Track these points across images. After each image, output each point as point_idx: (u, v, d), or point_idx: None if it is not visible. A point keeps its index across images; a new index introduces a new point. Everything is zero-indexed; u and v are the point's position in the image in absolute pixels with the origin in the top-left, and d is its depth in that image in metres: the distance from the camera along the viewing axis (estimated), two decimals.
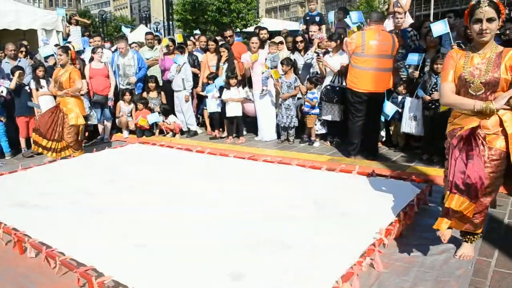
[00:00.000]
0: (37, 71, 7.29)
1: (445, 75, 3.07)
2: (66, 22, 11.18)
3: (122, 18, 61.58)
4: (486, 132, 2.90)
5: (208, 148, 6.77)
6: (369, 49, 5.59)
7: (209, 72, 7.88)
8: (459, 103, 3.00)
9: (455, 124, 3.10)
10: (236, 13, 25.83)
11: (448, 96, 3.04)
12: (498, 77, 2.84)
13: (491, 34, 2.87)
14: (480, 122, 2.91)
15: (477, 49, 2.98)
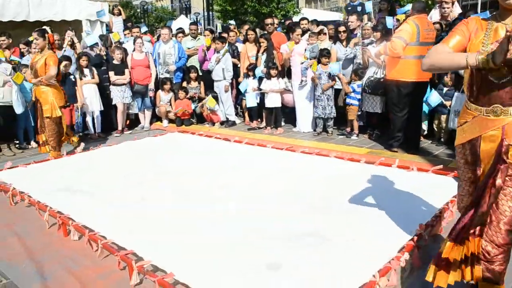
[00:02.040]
0: (81, 61, 7.48)
1: (445, 39, 2.33)
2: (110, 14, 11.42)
3: (163, 9, 62.33)
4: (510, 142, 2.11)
5: (246, 138, 6.79)
6: (424, 37, 5.44)
7: (248, 62, 7.88)
8: (444, 61, 2.20)
9: (465, 132, 2.31)
10: (275, 3, 25.62)
11: (431, 54, 2.28)
12: None
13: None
14: (502, 128, 2.12)
15: (503, 18, 2.16)
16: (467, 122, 2.28)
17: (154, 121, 8.52)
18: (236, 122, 8.25)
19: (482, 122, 2.19)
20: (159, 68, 8.39)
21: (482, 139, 2.20)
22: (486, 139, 2.19)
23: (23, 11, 9.65)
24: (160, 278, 2.76)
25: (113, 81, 7.66)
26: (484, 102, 2.18)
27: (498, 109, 2.13)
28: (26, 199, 4.47)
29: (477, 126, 2.22)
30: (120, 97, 7.69)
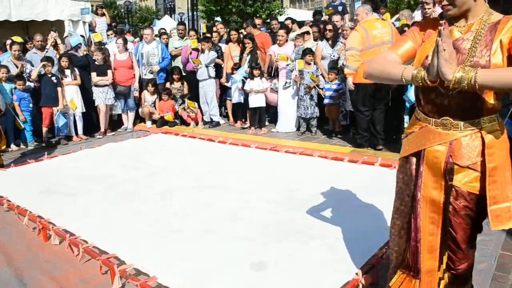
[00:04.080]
0: (61, 61, 7.38)
1: (395, 44, 2.08)
2: (93, 14, 11.33)
3: (147, 9, 61.97)
4: (458, 161, 1.83)
5: (230, 138, 6.78)
6: (374, 39, 5.51)
7: (232, 63, 7.87)
8: (384, 71, 1.90)
9: (409, 144, 2.00)
10: (260, 2, 25.64)
11: (373, 62, 2.00)
12: (486, 64, 1.70)
13: (456, 4, 1.76)
14: (449, 144, 1.84)
15: (456, 20, 1.86)
16: (413, 132, 1.98)
17: (137, 122, 8.46)
18: (220, 123, 8.23)
19: (429, 134, 1.89)
20: (142, 69, 8.33)
21: (426, 153, 1.91)
22: (430, 154, 1.89)
23: (5, 11, 9.54)
24: (143, 282, 2.74)
25: (95, 82, 7.58)
26: (433, 112, 1.88)
27: (447, 122, 1.83)
28: (5, 203, 4.40)
29: (422, 138, 1.92)
30: (102, 98, 7.61)
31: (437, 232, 1.92)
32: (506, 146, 1.82)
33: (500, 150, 1.79)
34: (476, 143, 1.80)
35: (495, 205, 1.76)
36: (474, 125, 1.79)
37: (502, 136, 1.81)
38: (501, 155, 1.79)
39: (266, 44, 7.86)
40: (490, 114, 1.79)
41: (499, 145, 1.79)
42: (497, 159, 1.77)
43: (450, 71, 1.61)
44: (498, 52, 1.70)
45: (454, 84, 1.62)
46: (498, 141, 1.79)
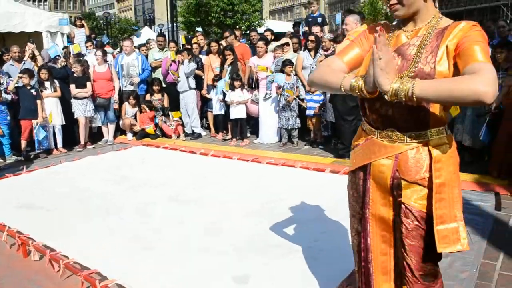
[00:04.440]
0: (40, 73, 7.30)
1: (342, 49, 1.92)
2: (71, 25, 11.25)
3: (126, 20, 61.79)
4: (405, 176, 1.71)
5: (212, 150, 6.77)
6: None
7: (213, 74, 7.90)
8: (324, 80, 1.77)
9: (356, 157, 1.88)
10: (240, 14, 25.84)
11: (317, 69, 1.87)
12: (430, 71, 1.59)
13: (404, 4, 1.64)
14: (395, 158, 1.72)
15: (404, 24, 1.75)
16: (359, 145, 1.86)
17: (118, 135, 8.38)
18: (201, 135, 8.22)
19: (375, 147, 1.76)
20: (122, 80, 8.28)
21: (371, 167, 1.79)
22: (375, 168, 1.77)
23: None
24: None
25: (74, 94, 7.50)
26: (377, 123, 1.76)
27: (393, 134, 1.71)
28: None
29: (368, 151, 1.79)
30: (82, 110, 7.53)
31: (390, 251, 1.80)
32: (455, 161, 1.71)
33: (448, 166, 1.67)
34: (423, 156, 1.68)
35: (442, 225, 1.63)
36: (421, 138, 1.67)
37: (451, 150, 1.69)
38: (449, 170, 1.66)
39: (246, 56, 7.94)
40: (437, 126, 1.67)
41: (447, 160, 1.67)
42: (444, 174, 1.65)
43: (387, 82, 1.50)
44: (444, 59, 1.59)
45: (391, 95, 1.50)
46: (446, 155, 1.66)
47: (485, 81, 1.37)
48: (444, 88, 1.43)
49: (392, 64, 1.55)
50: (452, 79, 1.51)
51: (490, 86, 1.36)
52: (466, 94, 1.38)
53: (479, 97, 1.36)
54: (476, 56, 1.46)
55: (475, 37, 1.52)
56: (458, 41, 1.55)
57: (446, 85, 1.44)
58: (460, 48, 1.53)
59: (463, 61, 1.50)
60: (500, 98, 4.95)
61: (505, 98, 4.90)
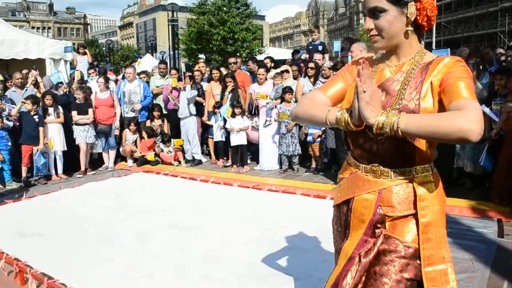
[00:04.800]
0: (45, 100, 7.35)
1: (325, 84, 1.89)
2: (74, 52, 11.42)
3: (128, 47, 62.70)
4: (389, 212, 1.65)
5: (212, 177, 6.76)
6: None
7: (214, 101, 7.96)
8: (308, 114, 1.74)
9: (341, 191, 1.82)
10: (240, 42, 26.24)
11: (300, 103, 1.85)
12: (415, 108, 1.55)
13: (384, 37, 1.61)
14: (378, 193, 1.66)
15: (388, 59, 1.73)
16: (345, 178, 1.82)
17: (118, 161, 8.38)
18: (202, 161, 8.22)
19: (359, 181, 1.71)
20: (124, 107, 8.34)
21: (354, 201, 1.72)
22: (358, 203, 1.71)
23: None
24: None
25: (76, 121, 7.54)
26: (362, 157, 1.71)
27: (377, 169, 1.66)
28: None
29: (353, 185, 1.74)
30: (83, 136, 7.56)
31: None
32: (441, 200, 1.65)
33: (434, 205, 1.61)
34: (407, 193, 1.62)
35: (429, 266, 1.57)
36: (406, 174, 1.62)
37: (437, 189, 1.64)
38: (435, 210, 1.61)
39: (246, 83, 8.04)
40: (423, 164, 1.62)
41: (432, 199, 1.61)
42: (430, 214, 1.59)
43: (372, 115, 1.47)
44: (428, 95, 1.54)
45: (377, 129, 1.47)
46: (431, 194, 1.61)
47: (470, 118, 1.34)
48: (429, 123, 1.40)
49: (377, 97, 1.52)
50: (438, 115, 1.47)
51: (475, 123, 1.33)
52: (451, 130, 1.35)
53: (464, 135, 1.33)
54: (461, 93, 1.44)
55: (460, 73, 1.50)
56: (443, 77, 1.52)
57: (432, 121, 1.41)
58: (444, 84, 1.50)
59: (447, 97, 1.47)
60: (500, 124, 4.98)
61: (505, 124, 4.92)
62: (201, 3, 26.72)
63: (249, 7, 27.50)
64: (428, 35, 37.65)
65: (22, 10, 77.41)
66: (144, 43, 69.69)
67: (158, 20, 77.58)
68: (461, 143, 1.32)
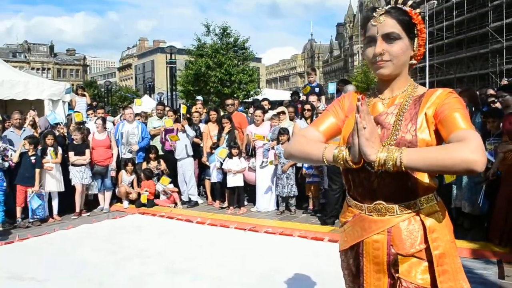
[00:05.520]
0: (46, 139, 7.36)
1: (317, 119, 1.87)
2: (73, 93, 11.56)
3: (127, 88, 63.47)
4: (401, 250, 1.59)
5: (209, 219, 6.70)
6: None
7: (211, 142, 8.00)
8: (304, 152, 1.68)
9: (347, 235, 1.75)
10: (237, 83, 26.63)
11: (293, 141, 1.80)
12: (412, 139, 1.55)
13: (394, 63, 1.60)
14: (388, 232, 1.61)
15: (381, 91, 1.73)
16: (348, 222, 1.74)
17: (114, 202, 8.31)
18: (198, 202, 8.17)
19: (364, 223, 1.65)
20: (121, 148, 8.36)
21: (364, 244, 1.66)
22: (368, 246, 1.65)
23: None
24: None
25: (73, 162, 7.52)
26: (364, 197, 1.66)
27: (381, 206, 1.61)
28: None
29: (358, 228, 1.68)
30: (79, 177, 7.52)
31: None
32: (450, 229, 1.63)
33: (444, 235, 1.58)
34: (416, 227, 1.58)
35: None
36: (411, 208, 1.58)
37: (444, 218, 1.61)
38: (446, 239, 1.57)
39: (243, 124, 8.11)
40: (427, 194, 1.59)
41: (442, 229, 1.58)
42: (442, 244, 1.56)
43: (373, 151, 1.45)
44: (424, 126, 1.55)
45: (378, 165, 1.45)
46: (440, 224, 1.58)
47: (473, 149, 1.34)
48: (432, 157, 1.38)
49: (376, 133, 1.50)
50: (440, 148, 1.46)
51: (479, 153, 1.33)
52: (455, 162, 1.34)
53: (470, 166, 1.32)
54: (459, 124, 1.45)
55: (454, 104, 1.51)
56: (437, 108, 1.53)
57: (435, 154, 1.39)
58: (440, 116, 1.51)
59: (446, 129, 1.47)
60: (497, 164, 5.00)
61: (502, 164, 4.95)
62: (199, 46, 27.29)
63: (246, 50, 28.09)
64: (421, 75, 38.50)
65: (23, 52, 78.81)
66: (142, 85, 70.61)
67: (156, 62, 79.07)
68: (466, 174, 1.32)
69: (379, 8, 1.62)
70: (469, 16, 40.90)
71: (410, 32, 1.60)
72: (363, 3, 73.39)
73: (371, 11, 1.64)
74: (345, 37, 79.74)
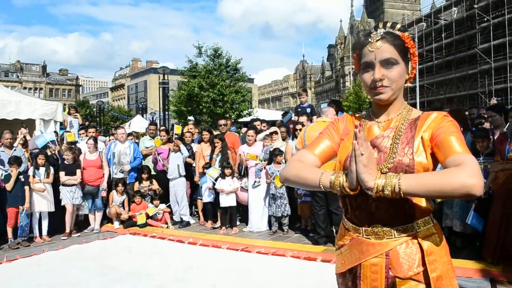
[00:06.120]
0: (38, 159, 7.30)
1: (312, 142, 1.84)
2: (66, 113, 11.53)
3: (119, 108, 63.48)
4: (399, 274, 1.59)
5: (201, 239, 6.64)
6: (309, 139, 5.81)
7: (204, 162, 7.99)
8: (300, 178, 1.68)
9: (344, 258, 1.74)
10: (230, 103, 26.74)
11: (289, 165, 1.78)
12: (409, 162, 1.56)
13: (393, 88, 1.63)
14: (386, 255, 1.61)
15: (377, 115, 1.74)
16: (345, 245, 1.73)
17: (104, 223, 8.22)
18: (190, 223, 8.10)
19: (362, 246, 1.65)
20: (113, 168, 8.31)
21: (362, 268, 1.66)
22: (366, 269, 1.64)
23: None
24: None
25: (63, 182, 7.46)
26: (362, 220, 1.66)
27: (379, 230, 1.62)
28: None
29: (356, 251, 1.67)
30: (69, 197, 7.44)
31: None
32: (447, 251, 1.64)
33: (441, 257, 1.59)
34: (414, 250, 1.59)
35: None
36: (408, 231, 1.59)
37: (441, 241, 1.63)
38: (443, 261, 1.59)
39: (236, 144, 8.11)
40: (423, 217, 1.61)
41: (439, 251, 1.59)
42: (440, 267, 1.57)
43: (371, 178, 1.45)
44: (420, 149, 1.56)
45: (377, 192, 1.45)
46: (437, 247, 1.60)
47: (470, 173, 1.36)
48: (431, 183, 1.39)
49: (374, 160, 1.50)
50: (438, 173, 1.46)
51: (476, 178, 1.35)
52: (453, 187, 1.36)
53: (468, 190, 1.34)
54: (455, 148, 1.47)
55: (449, 127, 1.53)
56: (433, 132, 1.55)
57: (433, 180, 1.40)
58: (436, 140, 1.52)
59: (442, 153, 1.49)
60: (489, 184, 5.04)
61: (494, 183, 4.99)
62: (192, 66, 27.46)
63: (239, 71, 28.31)
64: (412, 96, 38.92)
65: (15, 71, 78.83)
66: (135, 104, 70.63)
67: (149, 82, 79.37)
68: (465, 198, 1.31)
69: (373, 33, 1.63)
70: (457, 38, 41.74)
71: (405, 56, 1.63)
72: (354, 25, 74.58)
73: (366, 36, 1.66)
74: (336, 58, 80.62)
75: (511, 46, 36.03)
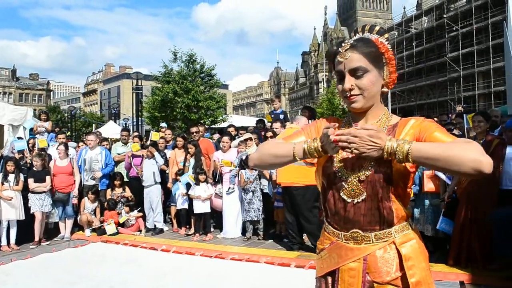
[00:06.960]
0: (7, 165, 7.09)
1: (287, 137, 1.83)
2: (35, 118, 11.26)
3: (91, 114, 62.41)
4: (377, 278, 1.62)
5: (174, 246, 6.58)
6: None
7: (177, 168, 7.93)
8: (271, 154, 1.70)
9: (323, 262, 1.76)
10: (204, 109, 26.68)
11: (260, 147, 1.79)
12: (387, 170, 1.57)
13: (365, 96, 1.62)
14: (364, 260, 1.63)
15: (355, 120, 1.73)
16: (325, 248, 1.75)
17: (75, 231, 8.04)
18: (164, 230, 8.02)
19: (341, 251, 1.67)
20: (84, 175, 8.16)
21: (340, 272, 1.67)
22: (344, 273, 1.66)
23: None
24: None
25: (32, 189, 7.27)
26: (341, 225, 1.68)
27: (357, 235, 1.63)
28: None
29: (335, 255, 1.69)
30: (38, 205, 7.24)
31: None
32: (425, 256, 1.65)
33: (420, 262, 1.61)
34: (392, 255, 1.60)
35: None
36: (386, 236, 1.61)
37: (419, 246, 1.65)
38: (422, 267, 1.60)
39: (210, 150, 8.09)
40: (401, 222, 1.63)
41: (417, 257, 1.61)
42: (418, 272, 1.58)
43: (384, 138, 1.44)
44: None
45: (387, 154, 1.44)
46: (416, 252, 1.61)
47: (481, 152, 1.36)
48: (441, 152, 1.39)
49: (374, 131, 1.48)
50: (447, 145, 1.44)
51: (486, 156, 1.35)
52: (464, 160, 1.35)
53: (479, 165, 1.33)
54: (444, 139, 1.49)
55: (431, 126, 1.55)
56: (415, 135, 1.56)
57: (443, 150, 1.39)
58: (422, 140, 1.52)
59: None
60: (453, 187, 5.17)
61: (458, 187, 5.12)
62: (166, 72, 27.31)
63: (213, 77, 28.30)
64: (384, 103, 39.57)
65: None
66: (107, 110, 69.58)
67: (122, 88, 78.28)
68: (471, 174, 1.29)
69: (344, 43, 1.64)
70: (428, 46, 42.86)
71: (378, 61, 1.62)
72: (327, 33, 75.51)
73: (337, 45, 1.66)
74: (310, 65, 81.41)
75: (478, 55, 37.21)
